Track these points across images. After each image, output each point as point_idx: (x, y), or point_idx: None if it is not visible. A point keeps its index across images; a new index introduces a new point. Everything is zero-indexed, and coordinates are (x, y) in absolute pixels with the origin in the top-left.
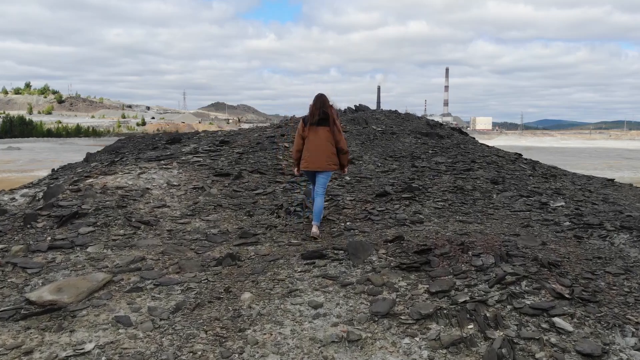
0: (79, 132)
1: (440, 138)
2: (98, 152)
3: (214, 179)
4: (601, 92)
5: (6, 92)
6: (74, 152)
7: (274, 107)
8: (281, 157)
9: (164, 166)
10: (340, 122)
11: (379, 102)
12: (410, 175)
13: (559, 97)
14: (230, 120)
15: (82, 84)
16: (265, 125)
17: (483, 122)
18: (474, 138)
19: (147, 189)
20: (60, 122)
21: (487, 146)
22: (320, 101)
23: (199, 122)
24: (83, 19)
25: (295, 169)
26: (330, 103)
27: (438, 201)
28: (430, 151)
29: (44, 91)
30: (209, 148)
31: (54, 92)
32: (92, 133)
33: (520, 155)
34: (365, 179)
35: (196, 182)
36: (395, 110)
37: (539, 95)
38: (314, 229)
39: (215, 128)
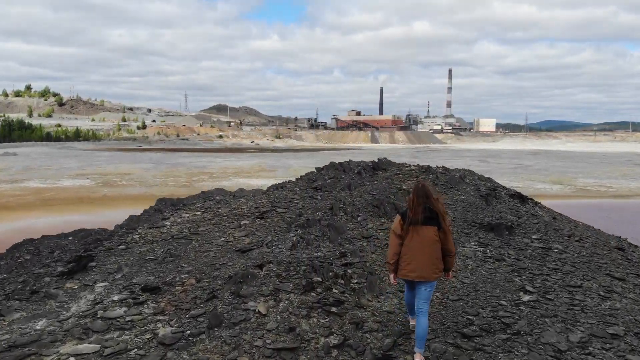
0: (78, 135)
1: (509, 231)
2: None
3: None
4: (605, 92)
5: (6, 95)
6: (71, 157)
7: (276, 108)
8: None
9: None
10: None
11: (381, 104)
12: None
13: (562, 97)
14: (232, 123)
15: (85, 85)
16: (247, 191)
17: (487, 124)
18: (536, 203)
19: None
20: (60, 126)
21: (579, 242)
22: (424, 194)
23: (200, 125)
24: (86, 20)
25: (392, 276)
26: (435, 196)
27: None
28: (526, 298)
29: (44, 94)
30: (113, 313)
31: (55, 95)
32: (92, 136)
33: (624, 254)
34: None
35: None
36: (428, 167)
37: (542, 96)
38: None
39: (216, 131)
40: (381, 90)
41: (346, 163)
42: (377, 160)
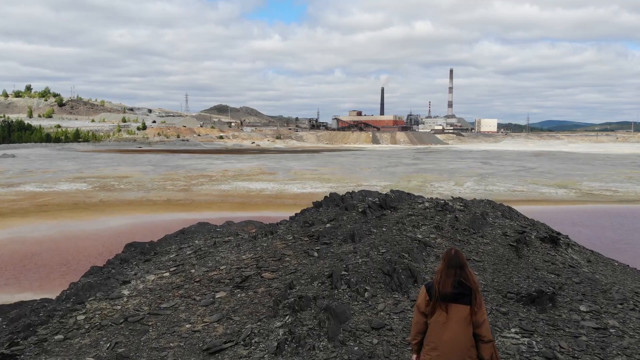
0: (78, 136)
1: (552, 303)
2: None
3: None
4: (606, 92)
5: (6, 95)
6: (69, 159)
7: (277, 109)
8: None
9: None
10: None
11: (382, 104)
12: None
13: (563, 97)
14: (232, 124)
15: (86, 85)
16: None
17: (488, 124)
18: (569, 244)
19: None
20: (59, 127)
21: (633, 310)
22: (457, 264)
23: (201, 126)
24: (87, 20)
25: (414, 357)
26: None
27: None
28: None
29: (44, 94)
30: None
31: (55, 95)
32: (92, 137)
33: None
34: None
35: None
36: (445, 203)
37: (544, 96)
38: None
39: (217, 132)
40: (382, 90)
41: (349, 197)
42: (385, 196)
